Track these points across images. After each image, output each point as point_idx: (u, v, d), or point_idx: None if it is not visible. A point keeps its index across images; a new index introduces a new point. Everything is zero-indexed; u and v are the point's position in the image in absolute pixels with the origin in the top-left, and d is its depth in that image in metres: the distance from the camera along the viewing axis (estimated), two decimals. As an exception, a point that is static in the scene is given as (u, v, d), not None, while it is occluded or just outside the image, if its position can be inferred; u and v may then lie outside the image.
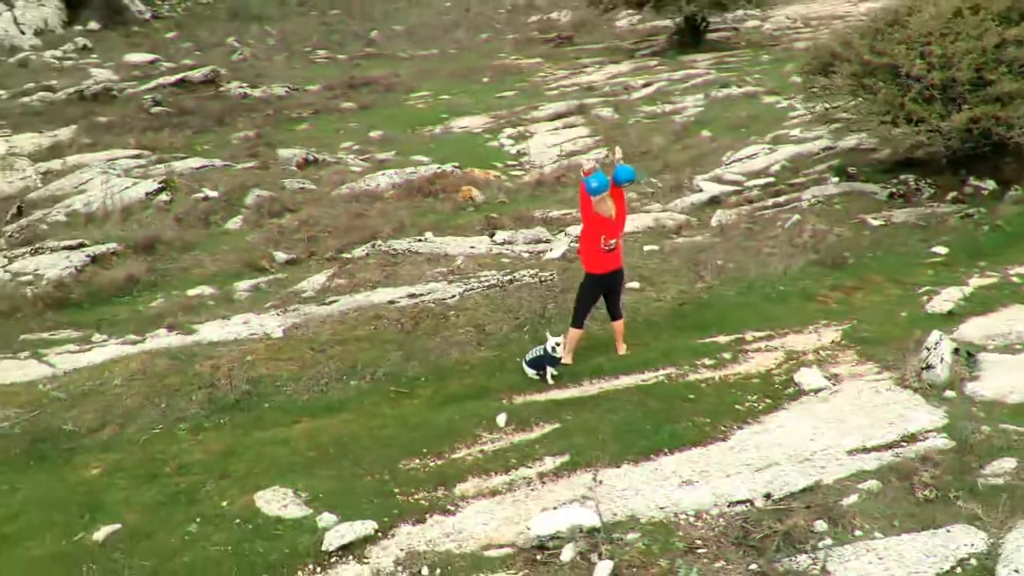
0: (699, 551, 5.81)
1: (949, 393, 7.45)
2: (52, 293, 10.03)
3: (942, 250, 10.73)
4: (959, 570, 5.24)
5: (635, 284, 9.92)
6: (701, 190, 13.45)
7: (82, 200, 13.53)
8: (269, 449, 7.23)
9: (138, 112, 21.91)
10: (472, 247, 11.09)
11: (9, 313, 9.73)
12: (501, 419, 7.53)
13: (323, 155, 16.84)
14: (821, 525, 5.92)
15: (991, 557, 5.25)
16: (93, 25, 35.81)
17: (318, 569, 5.88)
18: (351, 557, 5.97)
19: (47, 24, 35.19)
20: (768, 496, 6.29)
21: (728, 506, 6.25)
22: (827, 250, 10.43)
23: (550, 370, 8.11)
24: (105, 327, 9.42)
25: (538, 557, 5.83)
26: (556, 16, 39.60)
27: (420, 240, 11.21)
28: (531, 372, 8.15)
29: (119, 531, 6.28)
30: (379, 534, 6.20)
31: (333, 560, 5.95)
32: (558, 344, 8.05)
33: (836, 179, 13.30)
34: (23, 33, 34.06)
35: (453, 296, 9.50)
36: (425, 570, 5.80)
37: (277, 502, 6.52)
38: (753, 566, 5.60)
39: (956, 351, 7.90)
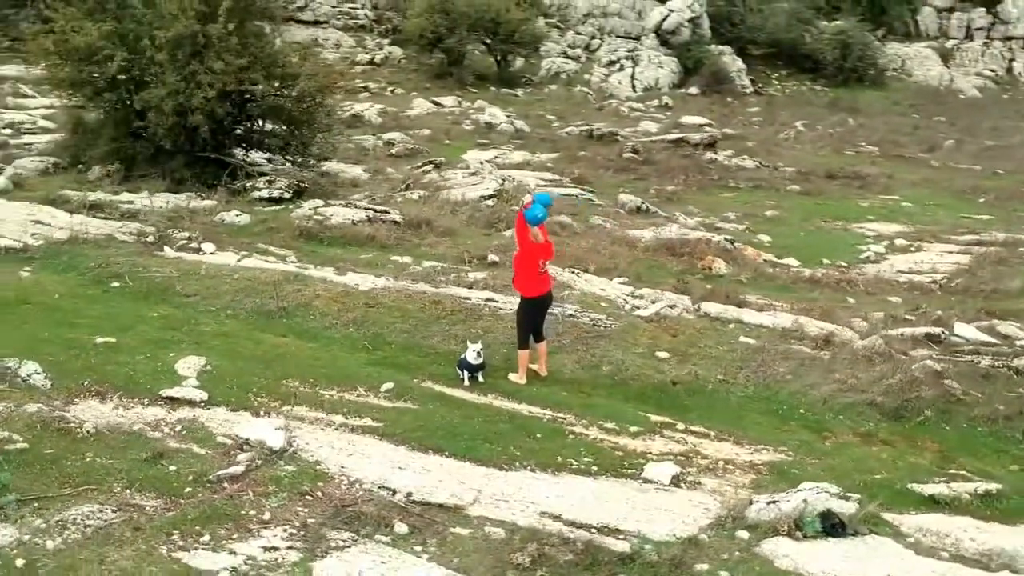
0: (307, 497, 6.72)
1: (743, 534, 6.62)
2: (310, 228, 13.57)
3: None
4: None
5: (664, 354, 9.77)
6: (944, 328, 11.60)
7: (445, 193, 17.09)
8: (243, 342, 9.61)
9: (612, 155, 25.11)
10: (603, 289, 11.73)
11: (275, 231, 13.52)
12: (386, 387, 8.77)
13: (669, 211, 17.98)
14: (402, 528, 6.35)
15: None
16: (693, 90, 40.24)
17: (145, 401, 8.14)
18: (168, 405, 8.08)
19: (657, 83, 40.48)
20: (409, 494, 6.75)
21: (378, 488, 6.88)
22: (906, 401, 8.83)
23: (467, 374, 8.96)
24: (304, 256, 12.60)
25: (233, 452, 7.31)
26: None
27: (573, 271, 12.22)
28: (458, 372, 9.09)
29: (109, 343, 9.29)
30: (202, 404, 8.19)
31: (159, 402, 8.14)
32: (477, 352, 8.88)
33: None
34: (634, 89, 39.86)
35: (510, 310, 10.55)
36: (179, 428, 7.71)
37: (187, 364, 8.88)
38: (311, 520, 6.38)
39: (826, 513, 6.78)
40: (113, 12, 15.05)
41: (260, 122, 16.23)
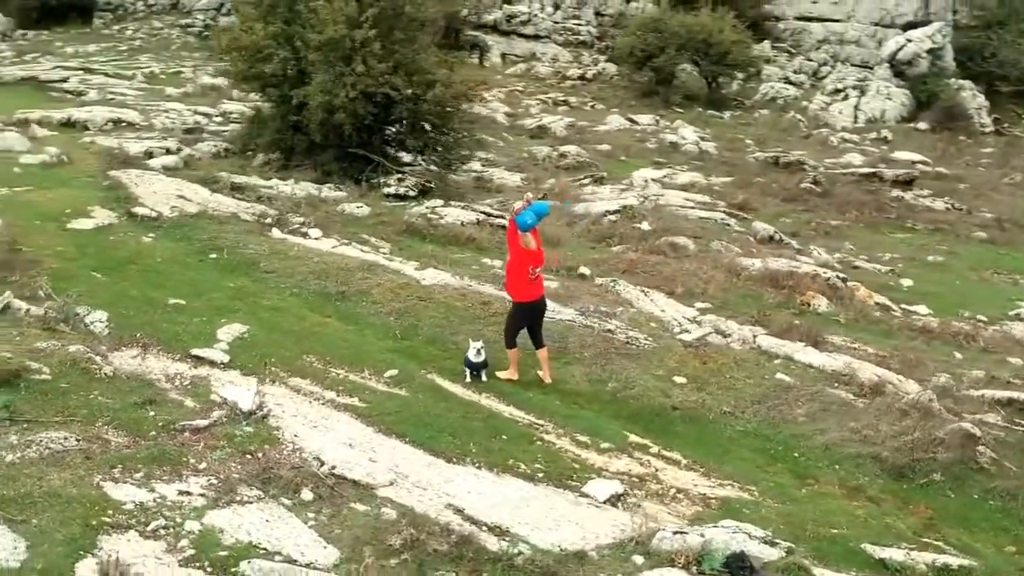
0: (247, 456, 7.42)
1: (638, 559, 6.58)
2: (417, 225, 14.32)
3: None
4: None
5: (681, 380, 9.56)
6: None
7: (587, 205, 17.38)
8: (289, 317, 10.54)
9: (789, 184, 24.09)
10: (662, 311, 11.53)
11: (385, 225, 14.37)
12: (390, 373, 9.31)
13: (807, 244, 17.18)
14: (307, 495, 6.88)
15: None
16: (922, 125, 37.56)
17: (177, 357, 9.19)
18: (192, 363, 9.07)
19: (882, 115, 38.08)
20: (332, 468, 7.22)
21: (313, 458, 7.45)
22: (915, 460, 8.12)
23: (468, 371, 9.30)
24: (398, 250, 13.34)
25: (214, 409, 8.12)
26: None
27: (642, 290, 12.10)
28: (464, 369, 9.42)
29: (179, 304, 10.51)
30: (221, 364, 9.12)
31: (187, 359, 9.15)
32: (478, 351, 9.20)
33: None
34: (855, 120, 37.82)
35: (551, 319, 10.69)
36: (188, 383, 8.66)
37: (228, 330, 9.91)
38: (235, 476, 7.03)
39: (738, 555, 6.57)
40: (283, 15, 16.66)
41: (404, 124, 17.27)
